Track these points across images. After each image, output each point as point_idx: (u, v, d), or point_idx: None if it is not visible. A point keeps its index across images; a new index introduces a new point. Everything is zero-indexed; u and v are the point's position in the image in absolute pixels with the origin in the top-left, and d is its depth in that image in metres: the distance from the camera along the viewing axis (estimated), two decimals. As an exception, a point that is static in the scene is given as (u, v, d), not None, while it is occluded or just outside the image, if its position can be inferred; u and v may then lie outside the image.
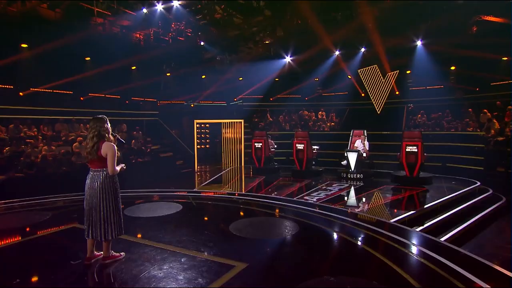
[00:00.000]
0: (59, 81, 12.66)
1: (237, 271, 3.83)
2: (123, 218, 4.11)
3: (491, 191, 8.90)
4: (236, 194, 8.77)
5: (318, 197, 8.17)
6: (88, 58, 13.41)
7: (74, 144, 11.80)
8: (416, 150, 9.40)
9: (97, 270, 3.92)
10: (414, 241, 4.97)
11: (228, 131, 14.72)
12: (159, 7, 12.05)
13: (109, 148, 3.88)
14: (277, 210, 6.96)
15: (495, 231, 6.72)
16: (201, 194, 8.92)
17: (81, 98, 13.72)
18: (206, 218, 6.73)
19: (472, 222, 6.65)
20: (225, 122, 14.65)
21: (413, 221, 6.23)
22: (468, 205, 7.59)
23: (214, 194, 8.96)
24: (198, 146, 14.35)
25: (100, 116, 4.05)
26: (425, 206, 7.23)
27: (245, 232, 5.32)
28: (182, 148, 14.61)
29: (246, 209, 7.28)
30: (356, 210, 7.38)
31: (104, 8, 12.71)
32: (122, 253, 4.26)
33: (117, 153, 3.93)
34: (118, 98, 14.80)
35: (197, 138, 14.47)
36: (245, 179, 11.22)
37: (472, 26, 12.37)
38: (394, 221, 5.99)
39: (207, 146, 16.06)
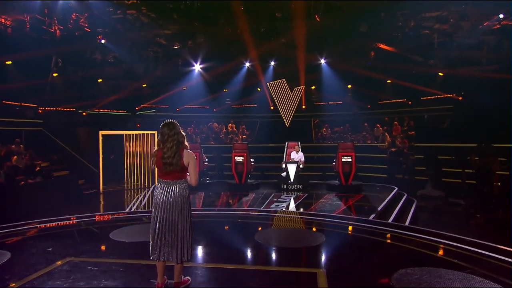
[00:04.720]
0: None
1: (324, 276, 4.16)
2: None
3: (406, 195, 11.20)
4: (211, 210, 8.89)
5: (279, 208, 8.81)
6: None
7: None
8: (350, 160, 11.07)
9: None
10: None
11: (134, 144, 13.82)
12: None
13: (191, 157, 3.74)
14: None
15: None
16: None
17: None
18: (225, 229, 6.85)
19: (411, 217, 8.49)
20: (132, 134, 13.73)
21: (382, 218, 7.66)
22: (401, 205, 9.53)
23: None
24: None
25: (171, 120, 3.81)
26: (379, 208, 8.71)
27: (280, 242, 5.70)
28: (80, 165, 12.94)
29: (245, 222, 7.69)
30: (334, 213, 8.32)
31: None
32: (187, 277, 4.06)
33: None
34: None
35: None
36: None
37: (371, 51, 15.30)
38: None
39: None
